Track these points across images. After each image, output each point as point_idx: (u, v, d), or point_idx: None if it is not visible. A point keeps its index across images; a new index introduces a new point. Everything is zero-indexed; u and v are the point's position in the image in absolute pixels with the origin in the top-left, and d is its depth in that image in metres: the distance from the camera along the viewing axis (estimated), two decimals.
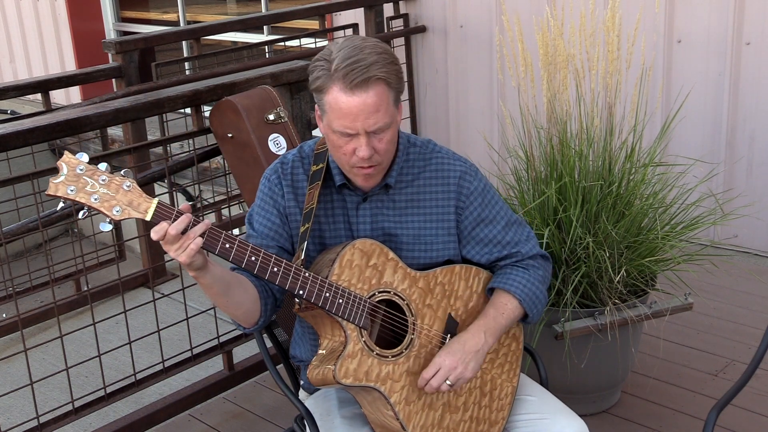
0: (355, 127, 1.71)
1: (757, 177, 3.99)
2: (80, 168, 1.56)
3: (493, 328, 1.87)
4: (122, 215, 1.57)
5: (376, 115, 1.70)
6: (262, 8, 6.30)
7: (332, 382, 1.74)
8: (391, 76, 1.71)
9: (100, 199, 1.56)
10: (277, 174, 1.90)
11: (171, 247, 1.59)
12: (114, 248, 4.31)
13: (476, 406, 1.90)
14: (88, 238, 5.12)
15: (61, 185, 1.55)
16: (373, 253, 1.81)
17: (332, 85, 1.70)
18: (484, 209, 1.93)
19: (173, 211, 1.60)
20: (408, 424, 1.80)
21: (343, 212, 1.90)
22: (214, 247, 1.63)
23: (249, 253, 1.67)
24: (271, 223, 1.89)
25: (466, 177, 1.92)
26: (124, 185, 1.57)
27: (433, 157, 1.92)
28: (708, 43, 3.98)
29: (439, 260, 1.92)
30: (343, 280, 1.76)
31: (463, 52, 4.96)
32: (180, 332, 3.30)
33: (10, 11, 7.84)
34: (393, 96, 1.74)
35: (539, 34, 2.70)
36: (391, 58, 1.73)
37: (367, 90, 1.68)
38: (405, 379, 1.81)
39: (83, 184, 1.55)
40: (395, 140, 1.82)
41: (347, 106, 1.69)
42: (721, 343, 3.31)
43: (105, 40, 4.19)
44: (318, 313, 1.79)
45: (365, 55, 1.69)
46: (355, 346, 1.76)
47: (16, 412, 3.29)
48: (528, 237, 1.99)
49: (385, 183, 1.87)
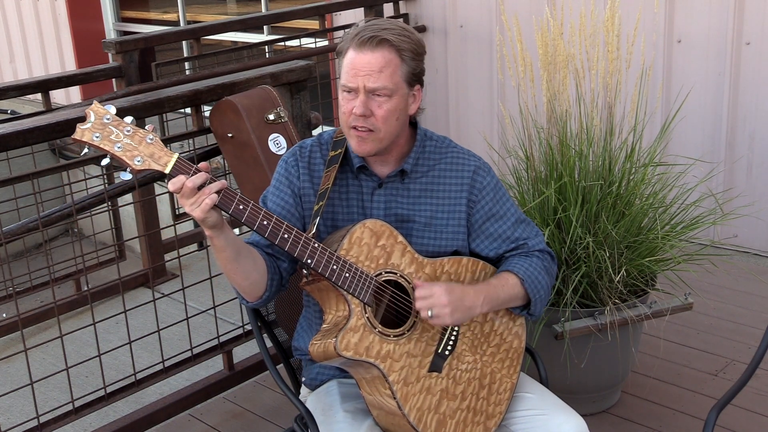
0: (356, 81, 1.79)
1: (757, 177, 3.99)
2: (107, 117, 1.62)
3: (492, 297, 1.89)
4: (143, 165, 1.63)
5: (378, 74, 1.78)
6: (262, 8, 6.30)
7: (333, 355, 1.75)
8: (403, 45, 1.80)
9: (123, 148, 1.62)
10: (295, 156, 1.95)
11: (187, 201, 1.65)
12: (114, 248, 4.31)
13: (474, 396, 1.91)
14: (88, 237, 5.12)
15: (87, 131, 1.61)
16: (382, 234, 1.83)
17: (348, 47, 1.81)
18: (495, 205, 1.96)
19: (192, 167, 1.65)
20: (405, 405, 1.81)
21: (358, 196, 1.94)
22: (228, 207, 1.67)
23: (262, 216, 1.71)
24: (284, 202, 1.92)
25: (480, 172, 1.96)
26: (148, 138, 1.64)
27: (449, 152, 1.98)
28: (708, 43, 3.98)
29: (447, 249, 1.94)
30: (351, 256, 1.79)
31: (463, 52, 4.96)
32: (180, 332, 3.30)
33: (10, 11, 7.84)
34: (404, 69, 1.82)
35: (539, 34, 2.70)
36: (407, 34, 1.82)
37: (374, 50, 1.78)
38: (405, 360, 1.82)
39: (108, 132, 1.62)
40: (398, 116, 1.85)
41: (353, 61, 1.79)
42: (721, 343, 3.31)
43: (105, 40, 4.19)
44: (324, 286, 1.81)
45: (383, 23, 1.82)
46: (358, 320, 1.78)
47: (16, 412, 3.29)
48: (536, 234, 2.02)
49: (402, 169, 1.91)
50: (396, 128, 1.86)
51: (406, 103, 1.86)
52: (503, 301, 1.92)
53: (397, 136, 1.88)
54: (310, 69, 3.13)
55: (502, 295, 1.91)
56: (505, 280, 1.93)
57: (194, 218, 1.67)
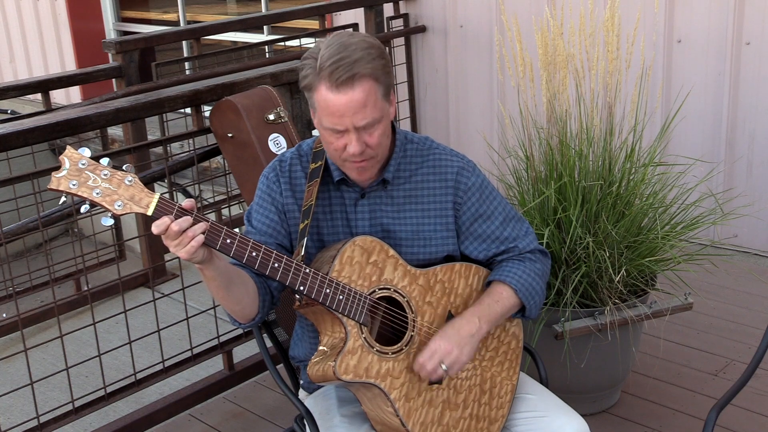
0: (344, 123, 1.72)
1: (757, 177, 3.99)
2: (82, 163, 1.56)
3: (488, 314, 1.87)
4: (124, 210, 1.58)
5: (363, 110, 1.71)
6: (262, 8, 6.30)
7: (332, 379, 1.74)
8: (377, 71, 1.72)
9: (102, 193, 1.57)
10: (276, 172, 1.91)
11: (171, 242, 1.60)
12: (114, 248, 4.31)
13: (476, 403, 1.91)
14: (88, 237, 5.12)
15: (63, 179, 1.55)
16: (373, 250, 1.81)
17: (319, 84, 1.71)
18: (482, 205, 1.94)
19: (174, 206, 1.61)
20: (408, 421, 1.80)
21: (342, 209, 1.91)
22: (215, 243, 1.64)
23: (250, 248, 1.68)
24: (269, 220, 1.89)
25: (464, 173, 1.92)
26: (126, 180, 1.58)
27: (431, 154, 1.93)
28: (708, 43, 3.98)
29: (438, 256, 1.93)
30: (343, 277, 1.77)
31: (463, 52, 4.96)
32: (180, 332, 3.30)
33: (10, 11, 7.84)
34: (382, 90, 1.74)
35: (539, 34, 2.70)
36: (377, 53, 1.73)
37: (353, 87, 1.69)
38: (405, 375, 1.81)
39: (85, 178, 1.56)
40: (388, 133, 1.83)
41: (334, 104, 1.71)
42: (721, 343, 3.31)
43: (105, 40, 4.19)
44: (318, 309, 1.79)
45: (350, 52, 1.70)
46: (356, 342, 1.76)
47: (16, 412, 3.29)
48: (526, 232, 2.00)
49: (383, 178, 1.88)
50: (388, 143, 1.85)
51: (390, 115, 1.83)
52: (501, 315, 1.91)
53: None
54: None
55: (499, 309, 1.89)
56: (499, 294, 1.91)
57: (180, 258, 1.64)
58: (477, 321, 1.85)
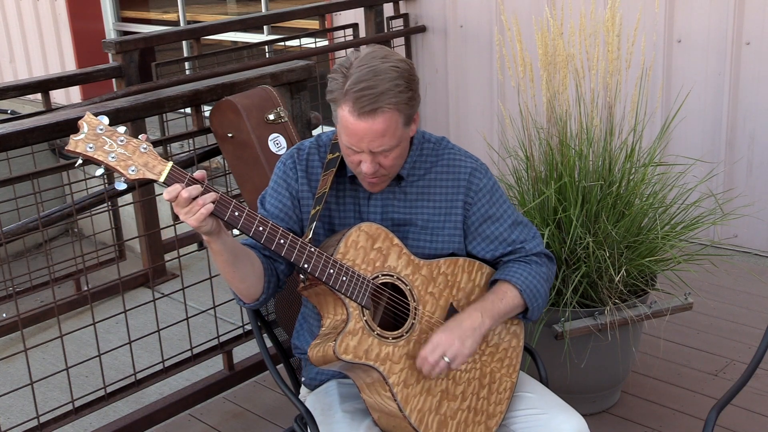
0: (360, 146, 1.76)
1: (757, 177, 3.99)
2: (100, 128, 1.62)
3: (491, 310, 1.88)
4: (137, 175, 1.62)
5: (381, 139, 1.75)
6: (262, 8, 6.30)
7: (332, 359, 1.75)
8: (400, 100, 1.72)
9: (117, 158, 1.62)
10: (293, 159, 1.94)
11: (181, 210, 1.64)
12: (114, 248, 4.31)
13: (474, 396, 1.91)
14: (88, 237, 5.12)
15: (80, 142, 1.61)
16: (378, 236, 1.84)
17: (344, 104, 1.73)
18: (492, 207, 1.96)
19: (186, 175, 1.64)
20: (405, 407, 1.81)
21: (354, 201, 1.94)
22: (223, 214, 1.67)
23: (257, 223, 1.71)
24: (282, 204, 1.92)
25: (476, 174, 1.95)
26: (141, 147, 1.63)
27: (446, 153, 1.96)
28: (708, 43, 3.98)
29: (443, 252, 1.94)
30: (347, 259, 1.79)
31: (463, 52, 4.96)
32: (180, 332, 3.30)
33: (10, 11, 7.84)
34: (403, 120, 1.76)
35: (539, 34, 2.70)
36: (405, 84, 1.73)
37: (375, 118, 1.72)
38: (404, 362, 1.82)
39: (102, 143, 1.61)
40: (404, 155, 1.86)
41: (354, 128, 1.74)
42: (721, 343, 3.31)
43: (105, 40, 4.19)
44: (321, 290, 1.81)
45: (378, 82, 1.70)
46: (357, 324, 1.78)
47: (16, 412, 3.29)
48: (534, 236, 2.01)
49: (398, 174, 1.90)
50: (402, 162, 1.88)
51: (408, 137, 1.85)
52: (504, 313, 1.91)
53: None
54: (310, 69, 3.13)
55: (502, 307, 1.90)
56: (503, 292, 1.92)
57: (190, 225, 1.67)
58: (480, 316, 1.86)
